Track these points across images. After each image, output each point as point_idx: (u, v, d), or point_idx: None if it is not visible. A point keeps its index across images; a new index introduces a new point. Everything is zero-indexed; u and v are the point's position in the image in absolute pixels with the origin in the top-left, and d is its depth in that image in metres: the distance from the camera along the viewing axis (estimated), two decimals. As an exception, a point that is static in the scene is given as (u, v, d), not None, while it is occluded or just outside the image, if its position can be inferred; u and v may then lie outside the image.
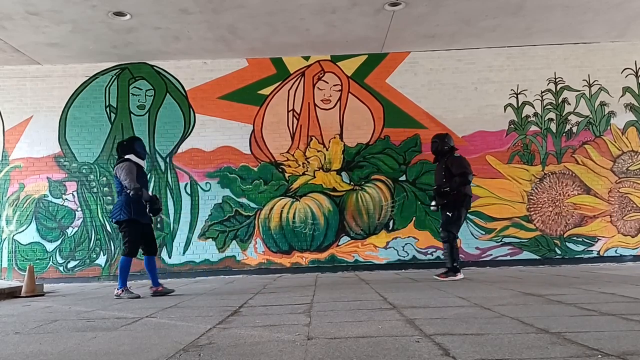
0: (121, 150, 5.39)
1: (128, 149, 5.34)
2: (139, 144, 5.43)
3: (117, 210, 5.21)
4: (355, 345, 2.33)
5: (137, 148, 5.35)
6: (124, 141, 5.53)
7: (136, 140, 5.49)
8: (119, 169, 5.20)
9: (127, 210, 5.14)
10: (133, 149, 5.33)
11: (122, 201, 5.18)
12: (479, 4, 6.75)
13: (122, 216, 5.15)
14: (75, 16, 6.60)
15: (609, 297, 3.81)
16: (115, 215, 5.22)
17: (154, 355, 2.32)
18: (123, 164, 5.22)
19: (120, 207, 5.18)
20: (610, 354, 2.00)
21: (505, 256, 7.92)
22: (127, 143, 5.42)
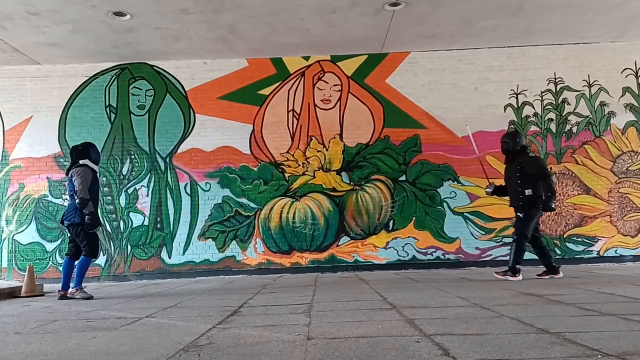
0: (76, 155, 5.46)
1: (83, 154, 5.42)
2: (93, 149, 5.52)
3: (71, 213, 5.30)
4: (355, 345, 2.33)
5: (92, 154, 5.46)
6: (78, 146, 5.56)
7: (91, 145, 5.56)
8: (74, 174, 5.28)
9: (80, 215, 5.23)
10: (88, 154, 5.42)
11: (75, 205, 5.26)
12: (479, 4, 6.75)
13: (76, 219, 5.25)
14: (75, 16, 6.60)
15: (609, 297, 3.81)
16: (70, 218, 5.30)
17: (154, 355, 2.32)
18: (79, 169, 5.30)
19: (75, 210, 5.26)
20: (610, 354, 2.00)
21: (505, 256, 7.90)
22: (82, 148, 5.48)
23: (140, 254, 7.98)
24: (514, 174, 5.71)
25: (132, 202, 8.06)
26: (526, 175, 5.58)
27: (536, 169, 5.57)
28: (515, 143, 5.76)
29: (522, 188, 5.57)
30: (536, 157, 6.00)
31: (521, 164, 5.65)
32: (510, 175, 5.81)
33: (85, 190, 5.18)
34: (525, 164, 5.63)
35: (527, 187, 5.55)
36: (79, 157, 5.41)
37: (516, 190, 5.66)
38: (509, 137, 5.88)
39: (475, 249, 7.94)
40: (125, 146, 8.17)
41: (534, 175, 5.53)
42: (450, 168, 8.08)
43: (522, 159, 5.69)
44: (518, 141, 5.78)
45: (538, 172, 5.54)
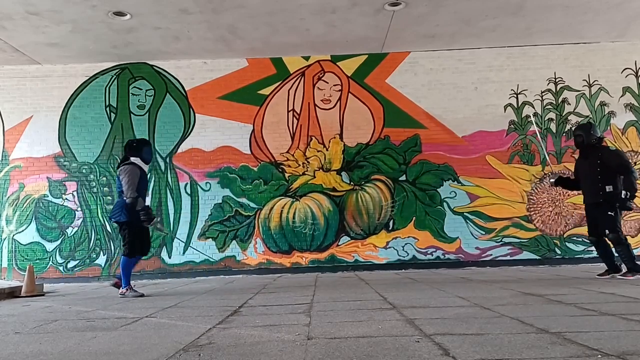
0: (128, 151, 5.35)
1: (135, 152, 5.31)
2: (147, 149, 5.40)
3: (117, 211, 5.22)
4: (355, 345, 2.33)
5: (144, 154, 5.34)
6: (133, 142, 5.45)
7: (146, 144, 5.44)
8: (122, 172, 5.18)
9: (128, 212, 5.15)
10: (140, 152, 5.32)
11: (122, 203, 5.18)
12: (479, 4, 6.75)
13: (122, 217, 5.17)
14: (75, 16, 6.60)
15: (609, 297, 3.81)
16: (116, 215, 5.23)
17: (154, 355, 2.32)
18: (128, 167, 5.19)
19: (121, 208, 5.18)
20: (610, 354, 2.00)
21: (505, 256, 7.92)
22: (137, 145, 5.37)
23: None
24: (594, 168, 5.32)
25: (132, 202, 8.05)
26: (607, 169, 5.24)
27: (619, 162, 5.25)
28: (590, 135, 5.38)
29: (603, 184, 5.25)
30: (618, 151, 5.70)
31: (601, 158, 5.30)
32: (589, 169, 5.41)
33: (133, 188, 5.08)
34: (607, 157, 5.29)
35: (608, 183, 5.22)
36: (131, 154, 5.30)
37: (596, 186, 5.30)
38: (583, 129, 5.49)
39: (475, 248, 7.94)
40: (125, 146, 8.16)
41: (616, 170, 5.21)
42: (450, 168, 8.08)
43: (602, 152, 5.35)
44: (592, 133, 5.40)
45: (622, 166, 5.21)
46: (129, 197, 5.07)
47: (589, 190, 5.45)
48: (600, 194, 5.29)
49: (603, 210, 5.29)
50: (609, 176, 5.24)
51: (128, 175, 5.10)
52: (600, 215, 5.34)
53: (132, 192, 5.06)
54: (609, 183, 5.23)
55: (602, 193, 5.27)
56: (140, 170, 5.25)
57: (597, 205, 5.36)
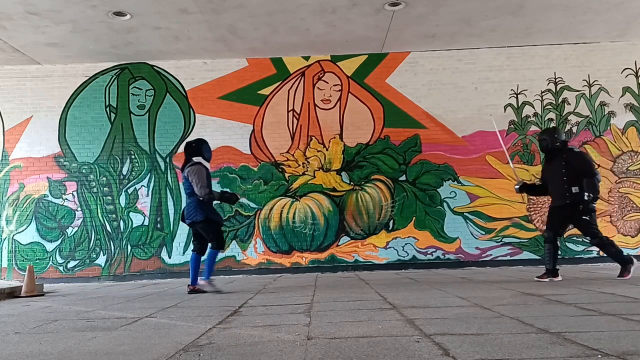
0: (190, 152, 5.44)
1: (196, 152, 5.41)
2: (206, 147, 5.50)
3: (192, 212, 5.31)
4: (355, 345, 2.33)
5: (204, 152, 5.44)
6: (192, 142, 5.54)
7: (204, 143, 5.53)
8: (190, 173, 5.25)
9: (202, 210, 5.27)
10: (201, 152, 5.41)
11: (196, 202, 5.28)
12: (479, 4, 6.75)
13: (198, 217, 5.28)
14: (75, 16, 6.60)
15: (609, 297, 3.81)
16: (192, 216, 5.32)
17: (154, 355, 2.32)
18: (194, 167, 5.27)
19: (195, 208, 5.28)
20: (610, 354, 2.00)
21: (505, 256, 7.92)
22: (196, 145, 5.46)
23: (140, 254, 7.98)
24: (559, 170, 5.36)
25: (132, 202, 8.07)
26: (573, 171, 5.26)
27: (583, 164, 5.30)
28: (554, 139, 5.45)
29: (569, 185, 5.26)
30: (582, 152, 5.73)
31: (566, 159, 5.34)
32: (555, 172, 5.44)
33: (204, 185, 5.19)
34: (572, 159, 5.34)
35: (574, 185, 5.23)
36: (193, 155, 5.40)
37: (562, 188, 5.31)
38: (547, 133, 5.57)
39: (475, 248, 7.94)
40: (125, 146, 8.17)
41: (580, 172, 5.23)
42: (450, 168, 8.08)
43: (567, 154, 5.39)
44: (557, 137, 5.47)
45: (586, 168, 5.24)
46: (204, 194, 5.19)
47: (556, 192, 5.46)
48: (567, 195, 5.30)
49: (578, 217, 5.31)
50: (574, 178, 5.25)
51: (197, 175, 5.21)
52: (576, 218, 5.35)
53: (204, 189, 5.19)
54: (575, 184, 5.24)
55: (568, 194, 5.29)
56: (205, 168, 5.37)
57: (565, 208, 5.35)
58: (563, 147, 5.47)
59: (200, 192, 5.18)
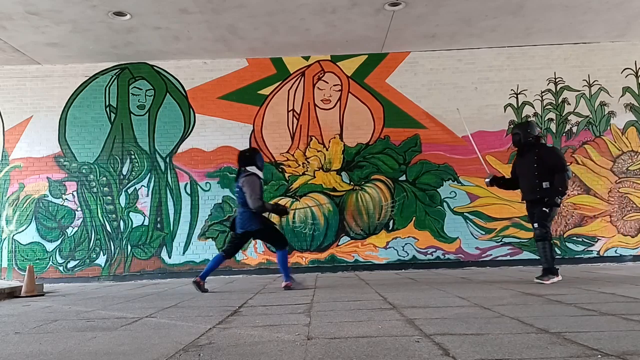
0: (244, 162, 5.44)
1: (250, 161, 5.42)
2: (259, 156, 5.52)
3: (247, 222, 5.35)
4: (355, 345, 2.33)
5: (257, 161, 5.45)
6: (246, 152, 5.57)
7: (257, 152, 5.58)
8: (245, 183, 5.27)
9: (256, 219, 5.35)
10: (254, 161, 5.42)
11: (249, 212, 5.32)
12: (479, 4, 6.75)
13: (253, 226, 5.35)
14: (75, 16, 6.60)
15: (609, 297, 3.81)
16: (246, 226, 5.35)
17: (154, 355, 2.32)
18: (249, 178, 5.29)
19: (249, 218, 5.33)
20: (610, 354, 2.00)
21: (505, 256, 7.92)
22: (250, 155, 5.48)
23: (140, 254, 7.98)
24: (531, 165, 5.34)
25: (132, 202, 8.07)
26: (544, 167, 5.24)
27: (555, 160, 5.26)
28: (527, 134, 5.39)
29: (540, 180, 5.24)
30: (555, 148, 5.69)
31: (538, 155, 5.31)
32: (526, 167, 5.42)
33: (256, 197, 5.23)
34: (544, 154, 5.31)
35: (545, 180, 5.22)
36: (246, 164, 5.41)
37: (533, 183, 5.30)
38: (520, 128, 5.51)
39: (475, 248, 7.94)
40: (125, 146, 8.17)
41: (552, 167, 5.21)
42: (450, 168, 8.08)
43: (540, 149, 5.37)
44: (530, 132, 5.41)
45: (557, 164, 5.21)
46: (256, 206, 5.24)
47: (527, 187, 5.43)
48: (538, 190, 5.27)
49: (539, 206, 5.29)
50: (546, 173, 5.23)
51: (250, 186, 5.24)
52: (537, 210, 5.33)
53: (257, 201, 5.24)
54: (546, 180, 5.22)
55: (539, 189, 5.26)
56: (259, 179, 5.41)
57: (535, 202, 5.33)
58: (536, 142, 5.43)
59: (253, 204, 5.22)
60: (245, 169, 5.38)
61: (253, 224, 5.33)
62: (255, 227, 5.34)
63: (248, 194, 5.21)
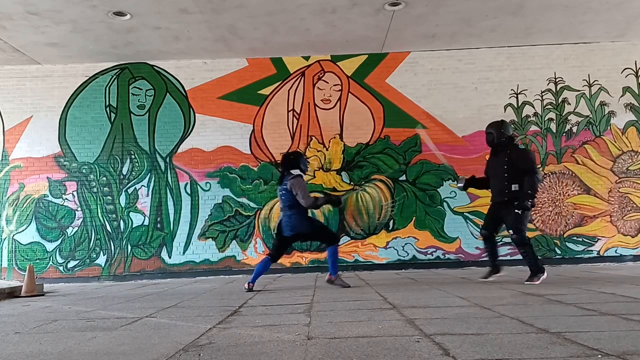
0: (289, 165, 5.47)
1: (295, 164, 5.45)
2: (303, 160, 5.56)
3: (297, 224, 5.36)
4: (355, 345, 2.33)
5: (301, 164, 5.48)
6: (290, 155, 5.59)
7: (301, 155, 5.62)
8: (294, 186, 5.27)
9: (307, 220, 5.42)
10: (298, 164, 5.45)
11: (300, 214, 5.34)
12: (479, 4, 6.75)
13: (305, 228, 5.40)
14: (75, 16, 6.60)
15: (609, 297, 3.81)
16: (297, 228, 5.37)
17: (154, 355, 2.32)
18: (297, 180, 5.31)
19: (301, 220, 5.36)
20: (610, 354, 2.00)
21: (505, 256, 7.90)
22: (294, 158, 5.51)
23: (140, 254, 7.98)
24: (501, 166, 5.27)
25: (132, 202, 8.07)
26: (514, 168, 5.16)
27: (525, 162, 5.16)
28: (501, 134, 5.30)
29: (509, 182, 5.16)
30: (526, 150, 5.64)
31: (509, 156, 5.22)
32: (496, 168, 5.36)
33: (308, 197, 5.30)
34: (515, 156, 5.21)
35: (515, 182, 5.13)
36: (291, 167, 5.44)
37: (502, 185, 5.23)
38: (493, 127, 5.40)
39: (475, 248, 7.94)
40: (125, 146, 8.17)
41: (525, 171, 5.11)
42: (450, 168, 8.08)
43: (511, 151, 5.26)
44: (503, 132, 5.31)
45: (526, 167, 5.12)
46: (310, 204, 5.30)
47: (496, 188, 5.38)
48: (506, 192, 5.20)
49: (510, 210, 5.18)
50: (516, 175, 5.14)
51: (299, 187, 5.28)
52: (507, 215, 5.24)
53: (309, 200, 5.30)
54: (516, 182, 5.14)
55: (507, 192, 5.19)
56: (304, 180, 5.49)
57: (503, 205, 5.25)
58: (509, 142, 5.34)
59: (307, 202, 5.27)
60: (290, 172, 5.41)
61: (305, 226, 5.38)
62: (308, 229, 5.41)
63: (301, 194, 5.24)
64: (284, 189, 5.37)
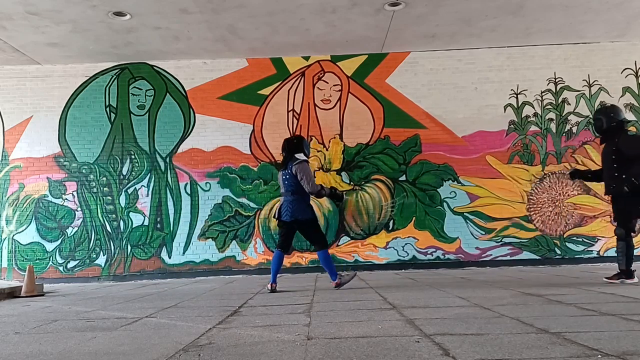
0: (292, 149, 5.35)
1: (298, 148, 5.34)
2: (306, 143, 5.46)
3: (297, 210, 5.20)
4: (355, 345, 2.33)
5: (304, 148, 5.39)
6: (293, 139, 5.48)
7: (304, 139, 5.50)
8: (299, 170, 5.17)
9: (310, 208, 5.28)
10: (302, 148, 5.35)
11: (302, 200, 5.23)
12: (479, 4, 6.75)
13: (306, 215, 5.24)
14: (75, 16, 6.60)
15: (609, 297, 3.81)
16: (296, 214, 5.20)
17: (154, 355, 2.32)
18: (302, 165, 5.22)
19: (302, 206, 5.22)
20: (610, 354, 2.00)
21: (505, 256, 7.92)
22: (297, 142, 5.40)
23: (140, 254, 7.98)
24: (609, 156, 4.87)
25: (132, 202, 8.06)
26: (623, 157, 4.75)
27: (634, 149, 4.72)
28: (610, 119, 4.87)
29: (619, 173, 4.74)
30: (636, 136, 5.24)
31: (617, 144, 4.81)
32: (606, 157, 4.96)
33: (314, 184, 5.19)
34: (622, 143, 4.79)
35: (625, 172, 4.71)
36: (294, 151, 5.32)
37: (612, 176, 4.83)
38: (602, 113, 5.03)
39: (476, 249, 7.94)
40: (125, 146, 8.17)
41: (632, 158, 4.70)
42: (450, 168, 8.08)
43: (619, 137, 4.84)
44: (613, 116, 4.88)
45: (633, 154, 4.69)
46: (315, 190, 5.18)
47: (605, 180, 4.99)
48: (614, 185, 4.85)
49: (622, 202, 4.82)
50: (626, 164, 4.73)
51: (304, 172, 5.17)
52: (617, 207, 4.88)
53: (315, 185, 5.19)
54: (624, 172, 4.72)
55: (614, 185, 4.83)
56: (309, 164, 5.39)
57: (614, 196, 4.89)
58: (619, 128, 4.91)
59: (312, 188, 5.14)
60: (294, 156, 5.29)
61: (305, 213, 5.22)
62: (307, 217, 5.22)
63: (306, 179, 5.12)
64: (288, 173, 5.24)
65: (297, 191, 5.19)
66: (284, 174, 5.31)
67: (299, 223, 5.26)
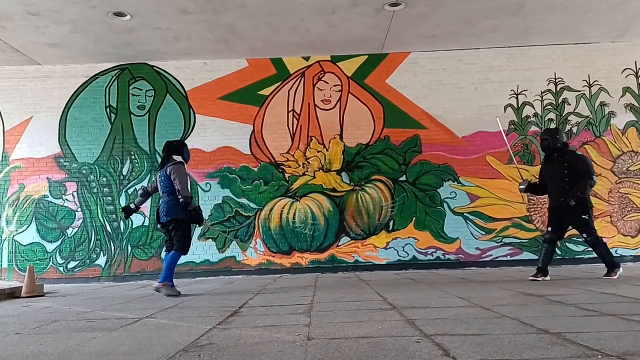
0: (171, 151, 5.35)
1: (177, 151, 5.34)
2: (186, 149, 5.48)
3: (172, 210, 5.19)
4: (355, 346, 2.33)
5: (185, 153, 5.40)
6: (173, 142, 5.49)
7: (185, 144, 5.53)
8: (174, 171, 5.16)
9: (183, 209, 5.18)
10: (182, 152, 5.36)
11: (176, 201, 5.18)
12: (479, 4, 6.75)
13: (180, 215, 5.18)
14: (75, 16, 6.60)
15: (609, 297, 3.81)
16: (171, 213, 5.19)
17: (154, 355, 2.32)
18: (178, 166, 5.20)
19: (176, 206, 5.18)
20: (610, 354, 2.00)
21: (505, 256, 7.92)
22: (178, 145, 5.42)
23: (141, 254, 7.98)
24: (561, 171, 5.54)
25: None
26: (574, 173, 5.46)
27: (585, 167, 5.47)
28: (556, 140, 5.62)
29: (571, 187, 5.44)
30: (585, 156, 5.95)
31: (569, 162, 5.51)
32: (556, 173, 5.62)
33: (187, 188, 5.16)
34: (575, 161, 5.51)
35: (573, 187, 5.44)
36: (174, 153, 5.32)
37: (563, 189, 5.48)
38: (548, 134, 5.72)
39: (476, 249, 7.94)
40: (126, 146, 8.17)
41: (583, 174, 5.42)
42: (450, 168, 8.08)
43: (570, 156, 5.58)
44: (559, 138, 5.66)
45: (585, 171, 5.43)
46: (185, 196, 5.12)
47: (556, 193, 5.59)
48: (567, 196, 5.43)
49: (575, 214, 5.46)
50: (575, 180, 5.45)
51: (181, 175, 5.14)
52: (574, 219, 5.54)
53: (187, 191, 5.14)
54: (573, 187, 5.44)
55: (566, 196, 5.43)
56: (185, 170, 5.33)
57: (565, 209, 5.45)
58: (564, 148, 5.65)
59: (184, 192, 5.10)
60: (172, 157, 5.29)
61: (180, 212, 5.16)
62: (182, 217, 5.16)
63: (179, 180, 5.10)
64: (163, 174, 5.25)
65: (173, 192, 5.19)
66: (160, 175, 5.33)
67: (174, 222, 5.22)
